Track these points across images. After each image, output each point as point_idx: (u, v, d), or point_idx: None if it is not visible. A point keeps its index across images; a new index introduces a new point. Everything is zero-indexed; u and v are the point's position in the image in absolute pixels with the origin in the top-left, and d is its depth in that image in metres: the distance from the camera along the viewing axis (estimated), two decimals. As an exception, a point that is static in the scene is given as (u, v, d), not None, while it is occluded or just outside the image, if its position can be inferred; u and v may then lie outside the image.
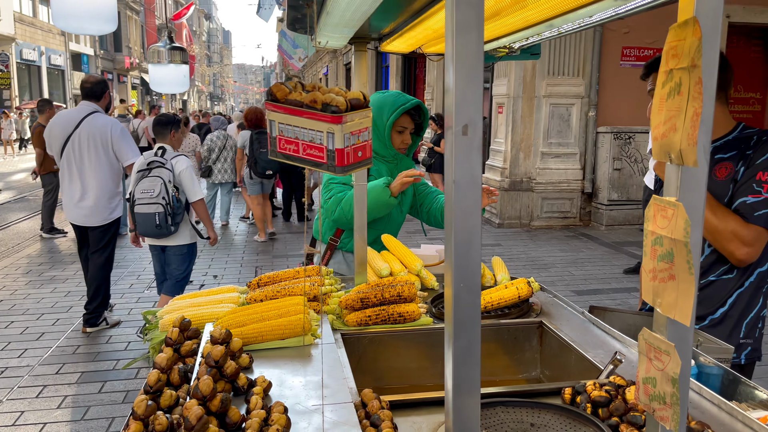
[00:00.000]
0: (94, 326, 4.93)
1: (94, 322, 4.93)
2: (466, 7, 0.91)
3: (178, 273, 4.58)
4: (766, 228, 1.82)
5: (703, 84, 0.98)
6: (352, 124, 1.05)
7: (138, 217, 4.23)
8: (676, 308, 1.04)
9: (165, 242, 4.47)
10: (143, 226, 4.23)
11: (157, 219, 4.17)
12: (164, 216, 4.18)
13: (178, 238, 4.46)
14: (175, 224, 4.30)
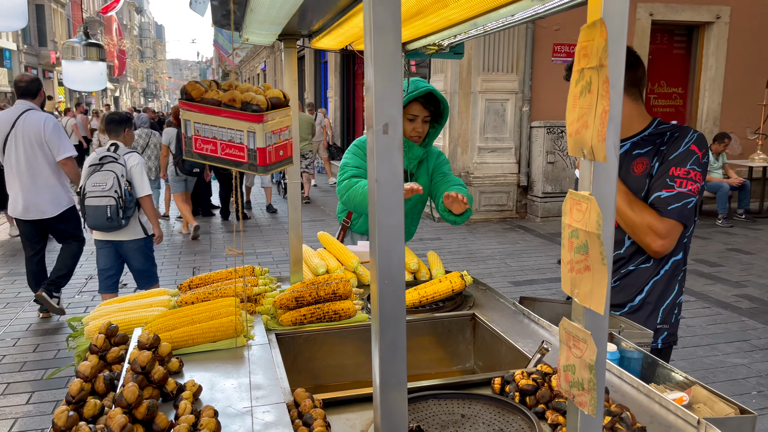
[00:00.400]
0: (49, 294, 4.98)
1: (52, 290, 5.02)
2: (382, 7, 0.92)
3: (143, 267, 4.69)
4: (679, 221, 1.91)
5: (610, 83, 1.02)
6: (273, 123, 1.04)
7: (89, 210, 4.28)
8: (592, 298, 1.08)
9: (118, 236, 4.53)
10: (93, 218, 4.29)
11: (109, 212, 4.25)
12: (116, 209, 4.27)
13: (131, 232, 4.54)
14: (126, 218, 4.36)
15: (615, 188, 1.07)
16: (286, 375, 1.94)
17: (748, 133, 10.69)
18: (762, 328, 5.00)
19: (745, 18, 10.33)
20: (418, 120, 2.72)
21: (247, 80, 39.18)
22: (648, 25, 10.07)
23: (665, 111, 10.77)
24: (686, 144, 1.95)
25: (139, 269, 4.69)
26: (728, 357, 4.42)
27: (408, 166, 2.82)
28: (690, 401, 1.51)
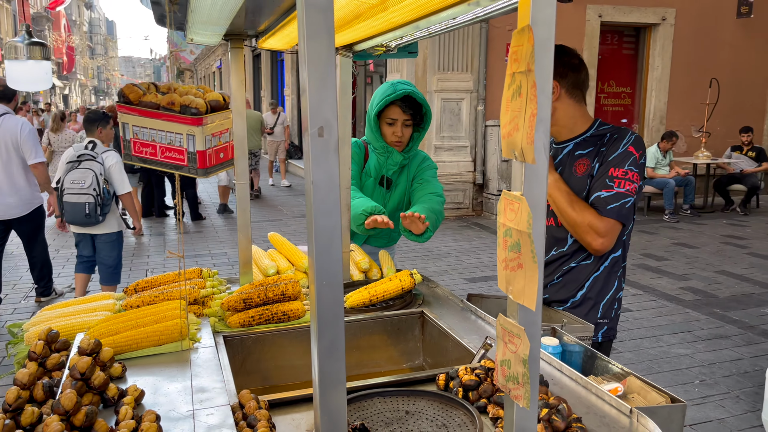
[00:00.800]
0: (47, 296, 5.52)
1: (47, 293, 5.53)
2: (315, 11, 0.92)
3: (110, 260, 4.91)
4: (618, 220, 1.98)
5: (538, 87, 1.05)
6: (213, 125, 1.04)
7: (67, 206, 4.52)
8: (524, 294, 1.12)
9: (94, 230, 4.76)
10: (72, 214, 4.54)
11: (87, 209, 4.51)
12: (94, 206, 4.52)
13: (106, 227, 4.79)
14: (103, 214, 4.63)
15: (545, 189, 1.11)
16: (236, 377, 1.93)
17: (693, 131, 11.09)
18: (705, 319, 5.21)
19: (689, 20, 10.71)
20: (397, 124, 2.60)
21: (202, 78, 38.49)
22: (597, 26, 10.33)
23: (615, 110, 11.08)
24: (624, 145, 2.02)
25: (107, 264, 4.90)
26: (672, 348, 4.59)
27: (387, 173, 2.73)
28: (625, 391, 1.57)
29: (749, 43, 11.13)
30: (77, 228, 4.77)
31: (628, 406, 1.40)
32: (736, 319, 5.21)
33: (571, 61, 2.11)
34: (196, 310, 1.96)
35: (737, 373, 4.16)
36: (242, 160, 2.24)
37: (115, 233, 4.86)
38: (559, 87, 2.08)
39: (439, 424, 1.40)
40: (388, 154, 2.67)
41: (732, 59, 11.04)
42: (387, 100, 2.54)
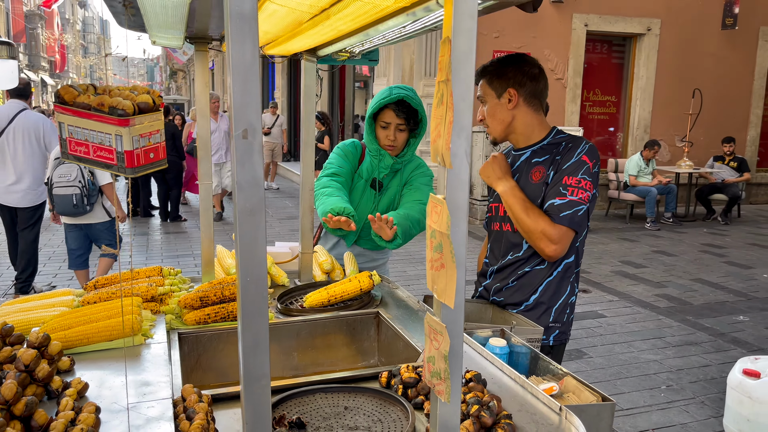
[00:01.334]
0: (26, 293, 5.53)
1: (26, 289, 5.63)
2: (239, 20, 0.97)
3: (111, 239, 5.25)
4: (570, 227, 2.02)
5: (461, 96, 1.10)
6: (140, 126, 1.09)
7: (56, 198, 4.88)
8: (446, 293, 1.17)
9: (87, 220, 5.12)
10: (61, 206, 4.90)
11: (74, 200, 4.87)
12: (80, 197, 4.88)
13: (97, 216, 5.13)
14: (90, 204, 4.97)
15: (467, 193, 1.16)
16: (191, 374, 1.98)
17: (677, 141, 11.22)
18: (677, 326, 5.28)
19: (674, 31, 10.85)
20: (390, 127, 2.62)
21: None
22: (583, 36, 10.45)
23: (600, 118, 11.19)
24: (578, 155, 2.07)
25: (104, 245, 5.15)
26: (643, 353, 4.66)
27: (378, 175, 2.74)
28: (561, 391, 1.62)
29: (733, 54, 11.28)
30: (68, 219, 5.09)
31: (558, 404, 1.45)
32: (707, 326, 5.28)
33: (530, 70, 2.16)
34: (153, 307, 1.99)
35: (704, 379, 4.23)
36: (205, 161, 2.28)
37: (108, 221, 5.19)
38: (517, 95, 2.13)
39: (375, 419, 1.45)
40: (380, 157, 2.70)
41: (716, 70, 11.18)
42: (381, 103, 2.58)
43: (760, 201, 12.06)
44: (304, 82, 2.36)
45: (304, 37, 1.74)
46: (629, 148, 11.19)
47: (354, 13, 1.35)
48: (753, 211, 11.40)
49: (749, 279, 6.81)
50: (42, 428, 1.26)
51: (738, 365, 3.33)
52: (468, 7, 1.06)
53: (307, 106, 2.39)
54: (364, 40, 1.78)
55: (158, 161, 1.18)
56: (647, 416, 3.69)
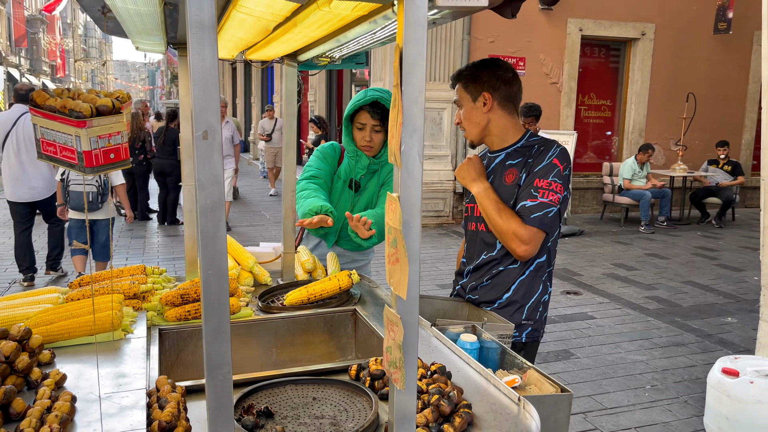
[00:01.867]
0: (55, 269, 6.54)
1: (55, 266, 6.54)
2: (198, 28, 1.03)
3: (104, 239, 5.90)
4: (540, 228, 2.09)
5: (413, 99, 1.16)
6: (99, 128, 1.15)
7: (73, 194, 5.49)
8: (400, 286, 1.23)
9: (93, 216, 5.74)
10: (76, 201, 5.52)
11: (90, 197, 5.55)
12: (96, 194, 5.54)
13: (103, 213, 5.78)
14: (102, 202, 5.63)
15: (419, 191, 1.22)
16: (172, 369, 2.04)
17: (671, 144, 11.28)
18: (665, 327, 5.34)
19: (668, 35, 10.92)
20: (366, 129, 2.69)
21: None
22: (578, 40, 10.52)
23: (595, 122, 11.26)
24: (549, 158, 2.13)
25: (102, 243, 5.88)
26: (630, 354, 4.72)
27: (356, 176, 2.81)
28: (524, 383, 1.68)
29: (727, 58, 11.35)
30: (76, 214, 5.69)
31: (516, 395, 1.51)
32: (695, 327, 5.34)
33: (504, 74, 2.22)
34: (135, 304, 2.06)
35: (689, 379, 4.28)
36: (188, 163, 2.35)
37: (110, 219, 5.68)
38: (492, 99, 2.20)
39: (341, 408, 1.51)
40: (357, 157, 2.77)
41: (710, 74, 11.25)
42: (357, 104, 2.66)
43: (754, 204, 12.10)
44: (285, 87, 2.43)
45: (280, 43, 1.81)
46: (624, 152, 11.25)
47: (318, 21, 1.42)
48: (747, 214, 11.45)
49: (739, 281, 6.86)
50: (19, 415, 1.33)
51: (717, 364, 3.38)
52: (417, 17, 1.13)
53: (288, 109, 2.46)
54: (337, 45, 1.85)
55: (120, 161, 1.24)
56: (630, 415, 3.75)
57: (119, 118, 1.21)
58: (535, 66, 10.30)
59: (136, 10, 1.39)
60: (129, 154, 1.36)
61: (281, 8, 1.26)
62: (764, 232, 3.51)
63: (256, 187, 14.13)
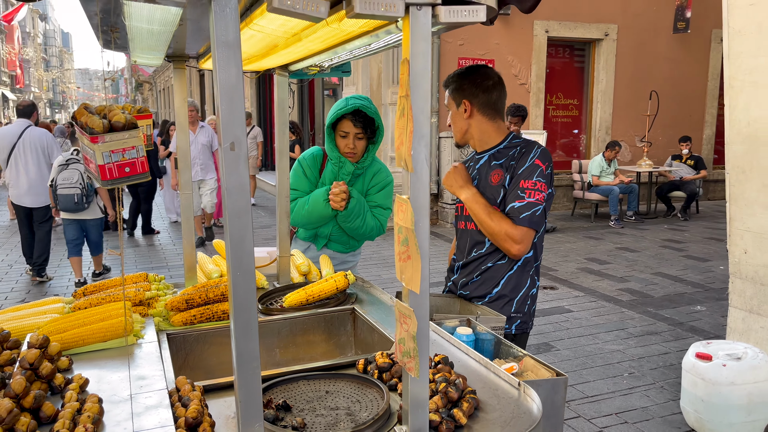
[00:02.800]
0: (41, 276, 6.99)
1: (41, 272, 6.99)
2: (224, 48, 1.11)
3: (96, 236, 6.70)
4: (530, 227, 2.21)
5: (419, 108, 1.26)
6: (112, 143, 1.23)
7: (60, 197, 6.15)
8: (413, 281, 1.33)
9: (83, 216, 6.39)
10: (64, 203, 6.17)
11: (76, 198, 6.16)
12: (81, 196, 6.18)
13: (92, 213, 6.43)
14: (88, 202, 6.27)
15: (427, 192, 1.33)
16: (179, 372, 2.10)
17: (637, 141, 11.62)
18: (639, 317, 5.54)
19: (630, 35, 11.26)
20: (349, 137, 2.79)
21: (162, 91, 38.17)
22: (544, 41, 10.78)
23: (563, 121, 11.54)
24: (531, 159, 2.25)
25: (94, 241, 6.69)
26: (607, 344, 4.89)
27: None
28: (520, 370, 1.80)
29: (687, 57, 11.75)
30: (68, 214, 6.32)
31: (516, 380, 1.62)
32: (667, 316, 5.55)
33: (483, 82, 2.34)
34: (141, 310, 2.12)
35: (663, 365, 4.47)
36: (186, 172, 2.42)
37: (99, 218, 6.53)
38: (471, 106, 2.33)
39: (354, 400, 1.60)
40: (341, 164, 2.87)
41: (671, 73, 11.63)
42: (339, 113, 2.75)
43: (717, 197, 12.53)
44: (278, 96, 2.51)
45: (277, 56, 1.89)
46: (592, 150, 11.55)
47: (323, 36, 1.51)
48: (710, 206, 11.86)
49: (707, 271, 7.13)
50: (50, 418, 1.39)
51: (691, 349, 3.56)
52: (422, 32, 1.23)
53: (280, 117, 2.54)
54: (332, 56, 1.94)
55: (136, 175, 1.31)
56: (611, 402, 3.90)
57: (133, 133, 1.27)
58: (503, 67, 10.51)
59: (149, 29, 1.47)
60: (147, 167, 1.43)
61: (294, 26, 1.35)
62: (730, 223, 3.70)
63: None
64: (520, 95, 10.71)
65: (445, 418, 1.43)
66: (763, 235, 3.51)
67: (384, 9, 1.19)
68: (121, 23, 1.57)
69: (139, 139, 1.41)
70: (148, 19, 1.36)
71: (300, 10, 1.12)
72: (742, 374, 3.29)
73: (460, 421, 1.44)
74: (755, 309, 3.62)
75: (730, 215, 3.69)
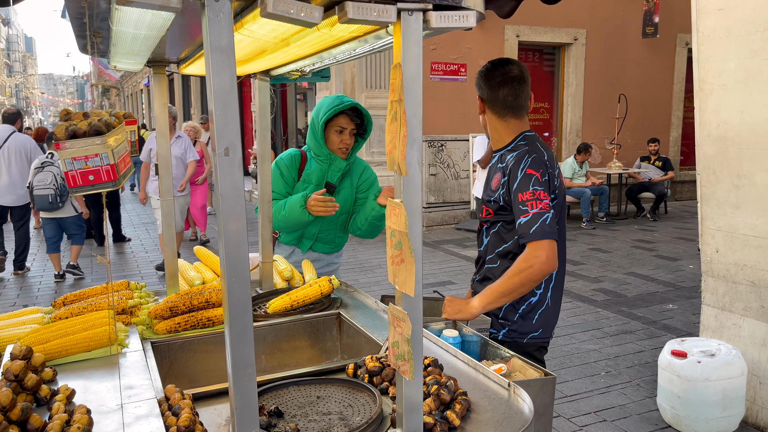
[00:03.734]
0: (22, 269, 7.62)
1: (21, 266, 7.63)
2: (218, 53, 1.11)
3: (74, 229, 7.16)
4: (544, 238, 2.05)
5: (411, 112, 1.27)
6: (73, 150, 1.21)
7: (36, 198, 6.63)
8: (406, 284, 1.34)
9: (59, 215, 6.89)
10: (40, 203, 6.64)
11: (50, 198, 6.62)
12: (55, 196, 6.64)
13: (67, 211, 6.94)
14: (62, 201, 6.75)
15: (420, 196, 1.34)
16: (164, 381, 2.07)
17: (606, 144, 11.83)
18: (613, 317, 5.64)
19: (599, 40, 11.47)
20: (346, 132, 2.83)
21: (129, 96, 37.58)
22: (515, 46, 10.91)
23: (535, 124, 11.68)
24: (522, 170, 2.14)
25: (73, 234, 7.18)
26: (583, 344, 4.97)
27: (331, 179, 2.92)
28: (509, 370, 1.82)
29: (654, 60, 12.01)
30: (45, 213, 6.85)
31: (506, 381, 1.64)
32: (640, 315, 5.66)
33: (492, 79, 2.28)
34: (124, 319, 2.08)
35: (639, 363, 4.56)
36: (166, 178, 2.39)
37: (75, 216, 7.06)
38: (482, 103, 2.31)
39: (346, 404, 1.60)
40: (330, 161, 2.88)
41: (639, 76, 11.88)
42: (337, 109, 2.75)
43: (684, 198, 12.83)
44: (259, 101, 2.49)
45: (262, 61, 1.89)
46: (563, 152, 11.72)
47: (312, 41, 1.52)
48: (678, 207, 12.13)
49: (677, 270, 7.29)
50: (39, 430, 1.35)
51: (666, 347, 3.63)
52: (414, 37, 1.24)
53: (262, 122, 2.53)
54: (317, 61, 1.94)
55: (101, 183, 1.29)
56: (589, 401, 3.96)
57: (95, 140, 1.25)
58: (475, 71, 10.56)
59: (135, 34, 1.45)
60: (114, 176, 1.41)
61: (285, 31, 1.35)
62: (702, 222, 3.79)
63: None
64: (493, 99, 10.81)
65: (439, 420, 1.44)
66: (734, 234, 3.61)
67: (377, 14, 1.20)
68: (106, 27, 1.55)
69: (105, 147, 1.38)
70: (136, 23, 1.34)
71: (294, 15, 1.12)
72: (717, 370, 3.37)
73: (454, 422, 1.45)
74: (727, 306, 3.71)
75: (702, 215, 3.78)
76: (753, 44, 3.39)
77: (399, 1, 1.21)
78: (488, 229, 2.37)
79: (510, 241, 2.26)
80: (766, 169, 3.41)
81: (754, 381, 3.58)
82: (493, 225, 2.33)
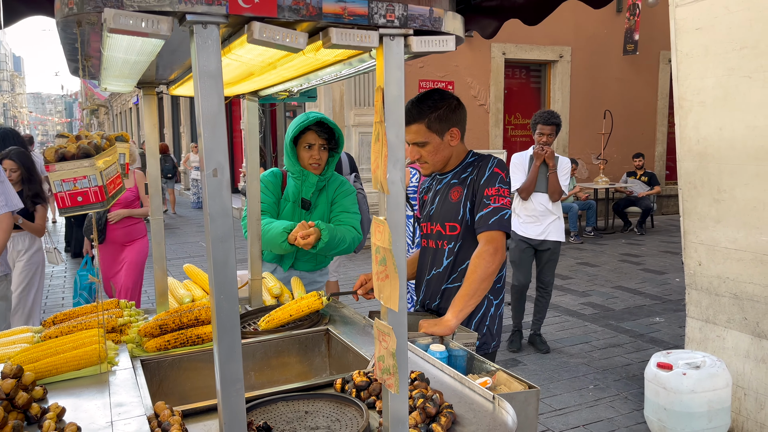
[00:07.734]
0: None
1: None
2: (207, 77, 1.15)
3: None
4: (500, 230, 2.26)
5: (394, 133, 1.32)
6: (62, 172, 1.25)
7: None
8: (391, 300, 1.37)
9: None
10: None
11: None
12: None
13: None
14: None
15: (404, 214, 1.38)
16: (154, 398, 2.08)
17: (593, 159, 11.97)
18: (601, 330, 5.68)
19: (583, 57, 11.65)
20: (314, 147, 2.87)
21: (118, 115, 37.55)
22: (502, 63, 11.07)
23: (522, 140, 11.81)
24: (489, 169, 2.34)
25: None
26: (572, 358, 5.00)
27: (306, 194, 2.96)
28: (494, 384, 1.85)
29: (637, 77, 12.21)
30: None
31: (491, 394, 1.67)
32: (628, 329, 5.71)
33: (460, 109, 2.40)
34: (114, 337, 2.10)
35: (626, 376, 4.60)
36: (156, 197, 2.42)
37: None
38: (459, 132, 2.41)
39: (334, 419, 1.62)
40: (304, 177, 2.93)
41: (622, 92, 12.07)
42: (302, 125, 2.83)
43: (670, 212, 12.97)
44: (248, 121, 2.54)
45: (250, 82, 1.93)
46: (550, 168, 11.84)
47: (298, 64, 1.56)
48: (664, 221, 12.26)
49: (663, 284, 7.37)
50: (29, 449, 1.37)
51: (653, 359, 3.68)
52: (396, 61, 1.29)
53: (250, 142, 2.57)
54: (304, 82, 1.99)
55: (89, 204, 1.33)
56: (578, 414, 3.99)
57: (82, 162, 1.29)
58: (463, 89, 10.74)
59: (125, 59, 1.49)
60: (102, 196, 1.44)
61: (271, 56, 1.40)
62: (685, 236, 3.86)
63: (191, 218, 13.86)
64: (480, 116, 10.95)
65: (425, 433, 1.47)
66: (716, 248, 3.67)
67: (359, 39, 1.25)
68: (97, 53, 1.59)
69: (93, 169, 1.41)
70: (126, 49, 1.38)
71: (280, 41, 1.17)
72: (702, 382, 3.42)
73: (439, 435, 1.48)
74: (711, 318, 3.77)
75: (685, 229, 3.85)
76: (730, 62, 3.49)
77: (381, 26, 1.26)
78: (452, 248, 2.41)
79: None
80: (746, 184, 3.49)
81: (738, 392, 3.63)
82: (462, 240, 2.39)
